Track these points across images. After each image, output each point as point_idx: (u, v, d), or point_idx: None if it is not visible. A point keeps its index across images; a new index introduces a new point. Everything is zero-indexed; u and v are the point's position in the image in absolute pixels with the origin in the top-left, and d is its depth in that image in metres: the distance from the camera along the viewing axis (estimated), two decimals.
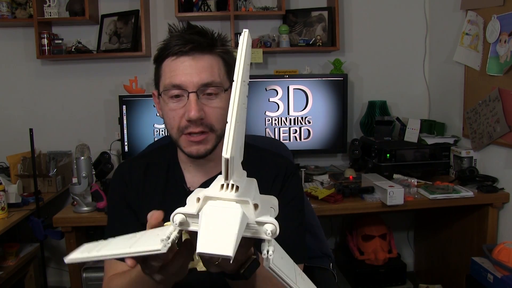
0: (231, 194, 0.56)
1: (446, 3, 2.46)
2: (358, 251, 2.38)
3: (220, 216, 0.54)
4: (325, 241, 1.42)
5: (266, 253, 0.56)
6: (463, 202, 1.99)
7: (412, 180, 2.07)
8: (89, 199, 1.97)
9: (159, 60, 0.95)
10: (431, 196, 1.95)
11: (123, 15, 2.50)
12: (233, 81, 0.56)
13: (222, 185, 0.57)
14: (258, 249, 0.59)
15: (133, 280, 0.81)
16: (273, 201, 0.65)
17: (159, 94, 0.96)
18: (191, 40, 0.90)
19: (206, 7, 2.47)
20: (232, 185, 0.56)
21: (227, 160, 0.52)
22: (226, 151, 0.51)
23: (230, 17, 2.41)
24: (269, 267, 0.57)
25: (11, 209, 2.04)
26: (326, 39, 2.53)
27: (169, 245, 0.57)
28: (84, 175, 1.90)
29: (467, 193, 1.97)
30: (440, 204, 1.96)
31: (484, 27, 2.09)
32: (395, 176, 2.17)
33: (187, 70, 0.90)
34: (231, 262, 0.52)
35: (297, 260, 0.96)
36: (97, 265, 2.13)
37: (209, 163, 1.00)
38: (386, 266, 2.33)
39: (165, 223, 0.69)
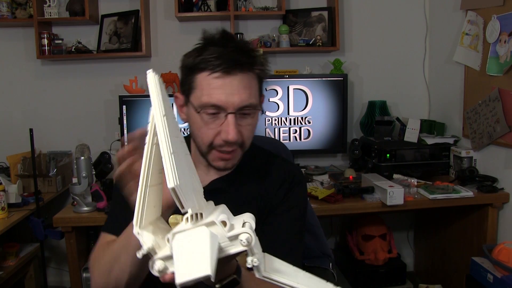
0: (194, 222, 0.57)
1: (446, 3, 2.46)
2: (358, 251, 2.38)
3: (188, 243, 0.54)
4: (325, 241, 1.42)
5: (250, 262, 0.57)
6: (463, 202, 1.99)
7: (412, 180, 2.07)
8: (89, 199, 1.97)
9: (193, 69, 0.91)
10: (431, 196, 1.95)
11: (123, 15, 2.50)
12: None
13: (187, 219, 0.57)
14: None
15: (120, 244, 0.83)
16: (245, 217, 0.64)
17: (191, 103, 0.93)
18: (234, 60, 0.87)
19: (206, 7, 2.47)
20: (196, 214, 0.57)
21: (173, 190, 0.52)
22: (169, 181, 0.51)
23: (230, 17, 2.41)
24: (263, 277, 0.58)
25: (11, 209, 2.04)
26: (326, 39, 2.53)
27: None
28: (84, 175, 1.90)
29: (467, 193, 1.97)
30: (440, 204, 1.96)
31: (484, 27, 2.09)
32: (395, 176, 2.17)
33: (227, 89, 0.87)
34: (212, 280, 0.51)
35: None
36: None
37: None
38: (386, 266, 2.33)
39: (172, 216, 0.70)
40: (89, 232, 2.18)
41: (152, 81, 0.61)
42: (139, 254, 0.58)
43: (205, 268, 0.50)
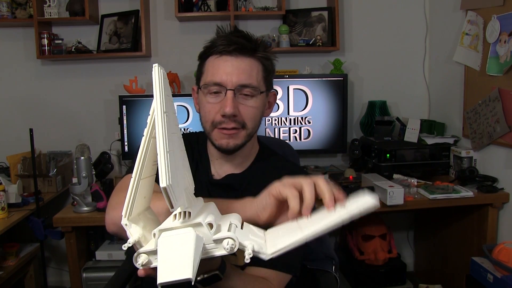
0: (181, 221, 0.57)
1: (446, 3, 2.46)
2: (358, 251, 2.38)
3: (174, 243, 0.55)
4: (329, 243, 1.41)
5: (247, 257, 0.58)
6: (463, 202, 1.98)
7: (412, 180, 2.07)
8: (89, 199, 1.97)
9: (203, 57, 1.01)
10: (431, 196, 1.95)
11: (123, 15, 2.50)
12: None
13: (175, 215, 0.58)
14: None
15: None
16: (231, 218, 0.65)
17: (199, 88, 1.01)
18: (236, 42, 0.96)
19: (206, 7, 2.47)
20: (185, 212, 0.57)
21: (165, 189, 0.53)
22: (162, 180, 0.52)
23: (230, 17, 2.41)
24: (272, 255, 0.60)
25: (11, 209, 2.04)
26: (326, 39, 2.52)
27: None
28: (84, 175, 1.90)
29: (467, 193, 1.97)
30: (440, 204, 1.96)
31: (484, 27, 2.08)
32: (395, 176, 2.17)
33: (228, 69, 0.96)
34: (192, 283, 0.52)
35: (281, 269, 0.96)
36: (97, 265, 2.13)
37: (234, 160, 1.05)
38: (386, 266, 2.33)
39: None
40: (89, 232, 2.19)
41: (157, 75, 0.62)
42: (124, 246, 0.59)
43: (186, 271, 0.51)
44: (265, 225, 0.72)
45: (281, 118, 2.43)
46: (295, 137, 2.45)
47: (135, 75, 2.48)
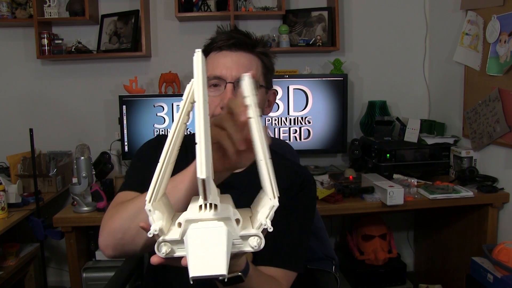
0: (211, 213, 0.56)
1: (446, 3, 2.46)
2: (358, 251, 2.38)
3: (205, 237, 0.55)
4: (329, 243, 1.41)
5: (257, 245, 0.58)
6: (463, 202, 1.98)
7: (412, 180, 2.07)
8: (89, 199, 1.97)
9: (204, 55, 0.99)
10: (431, 196, 1.95)
11: (123, 15, 2.50)
12: (195, 101, 0.57)
13: (200, 206, 0.57)
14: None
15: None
16: (248, 212, 0.65)
17: None
18: (235, 37, 0.98)
19: (206, 7, 2.47)
20: (210, 204, 0.56)
21: (203, 181, 0.52)
22: (201, 172, 0.51)
23: (230, 17, 2.41)
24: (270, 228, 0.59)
25: (11, 209, 2.04)
26: (326, 39, 2.53)
27: None
28: (84, 175, 1.90)
29: (467, 193, 1.97)
30: (440, 204, 1.96)
31: (484, 27, 2.08)
32: (395, 176, 2.17)
33: (228, 63, 0.96)
34: (225, 280, 0.52)
35: (290, 267, 0.96)
36: (97, 265, 2.13)
37: None
38: (386, 266, 2.33)
39: None
40: (89, 232, 2.19)
41: (199, 63, 0.61)
42: (149, 234, 0.57)
43: (221, 267, 0.52)
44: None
45: (281, 118, 2.43)
46: (295, 137, 2.45)
47: (135, 75, 2.48)
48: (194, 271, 0.51)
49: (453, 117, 2.44)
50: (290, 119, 2.43)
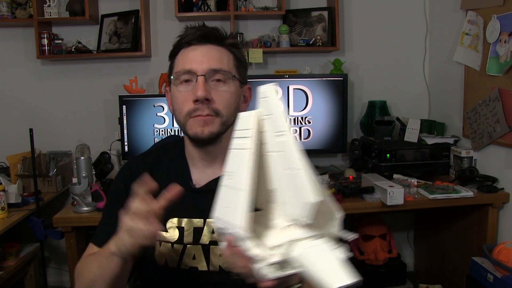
0: (310, 231, 0.61)
1: (446, 3, 2.46)
2: (358, 251, 2.38)
3: (321, 254, 0.59)
4: None
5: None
6: (463, 202, 1.98)
7: (412, 180, 2.07)
8: (89, 199, 1.97)
9: (173, 54, 1.00)
10: (431, 196, 1.95)
11: (123, 15, 2.50)
12: (282, 131, 0.62)
13: (299, 226, 0.61)
14: None
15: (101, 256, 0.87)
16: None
17: (171, 83, 0.99)
18: (204, 31, 0.96)
19: (206, 7, 2.47)
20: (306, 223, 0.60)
21: (313, 204, 0.56)
22: (314, 195, 0.56)
23: (230, 17, 2.41)
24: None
25: (11, 209, 2.04)
26: (326, 39, 2.52)
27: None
28: (84, 175, 1.90)
29: (467, 193, 1.97)
30: (440, 204, 1.96)
31: (484, 27, 2.08)
32: (395, 176, 2.17)
33: (198, 57, 0.94)
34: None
35: None
36: None
37: (216, 161, 1.00)
38: (386, 266, 2.33)
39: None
40: (89, 232, 2.18)
41: (274, 94, 0.65)
42: (256, 267, 0.61)
43: (352, 276, 0.55)
44: None
45: None
46: (295, 137, 2.45)
47: (135, 75, 2.48)
48: (335, 283, 0.54)
49: (453, 117, 2.44)
50: (290, 119, 2.43)
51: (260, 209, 0.68)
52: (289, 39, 2.51)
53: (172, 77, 0.98)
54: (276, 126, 0.63)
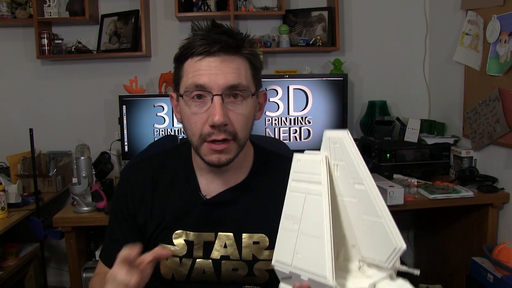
0: (384, 272, 0.70)
1: (446, 3, 2.46)
2: None
3: None
4: None
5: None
6: (463, 202, 1.98)
7: (412, 180, 2.07)
8: (89, 199, 1.97)
9: (181, 60, 0.88)
10: (431, 196, 1.95)
11: (123, 15, 2.50)
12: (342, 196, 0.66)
13: (362, 267, 0.68)
14: None
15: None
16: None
17: (179, 95, 0.88)
18: (218, 40, 0.83)
19: (206, 7, 2.47)
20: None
21: (402, 250, 0.65)
22: (403, 243, 0.66)
23: (230, 17, 2.41)
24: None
25: (11, 209, 2.04)
26: (326, 39, 2.52)
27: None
28: (84, 175, 1.90)
29: (467, 193, 1.96)
30: (440, 204, 1.96)
31: (484, 27, 2.08)
32: (395, 176, 2.17)
33: (212, 70, 0.83)
34: None
35: None
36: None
37: (228, 171, 0.94)
38: None
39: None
40: (89, 232, 2.18)
41: (350, 141, 0.66)
42: None
43: None
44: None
45: (281, 118, 2.43)
46: (295, 137, 2.45)
47: (135, 75, 2.48)
48: None
49: (453, 117, 2.44)
50: (290, 119, 2.43)
51: None
52: (289, 39, 2.51)
53: (179, 88, 0.88)
54: (353, 173, 0.63)
